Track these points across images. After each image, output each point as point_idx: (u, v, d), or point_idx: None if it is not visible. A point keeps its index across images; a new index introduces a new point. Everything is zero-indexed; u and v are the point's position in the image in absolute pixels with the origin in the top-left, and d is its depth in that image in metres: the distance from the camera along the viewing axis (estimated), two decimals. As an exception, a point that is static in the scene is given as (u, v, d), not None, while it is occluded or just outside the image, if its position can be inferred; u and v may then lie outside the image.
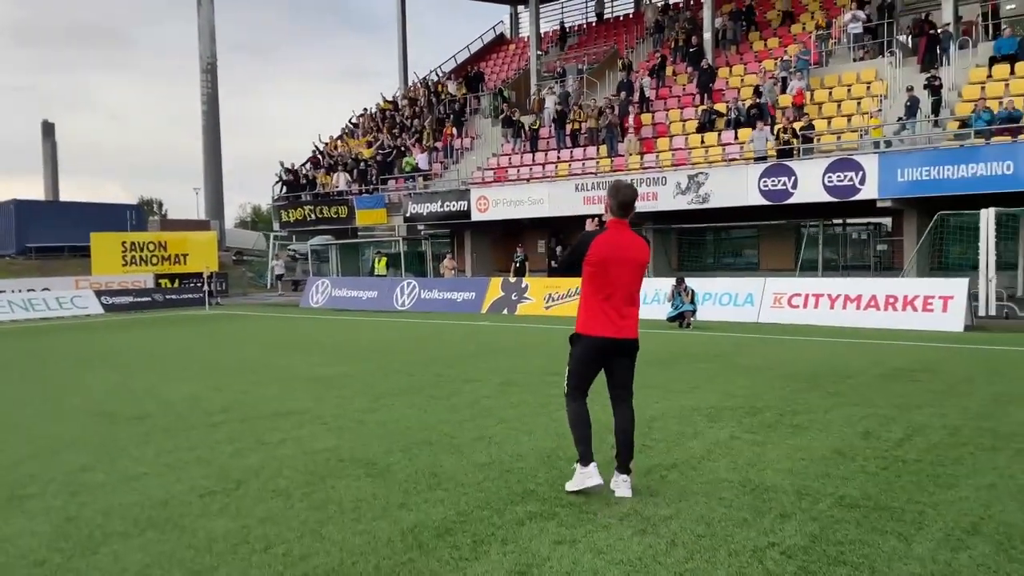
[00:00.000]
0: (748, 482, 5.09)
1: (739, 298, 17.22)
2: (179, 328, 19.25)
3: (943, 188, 17.76)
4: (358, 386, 9.32)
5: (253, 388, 9.35)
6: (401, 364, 11.23)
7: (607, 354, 4.86)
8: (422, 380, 9.66)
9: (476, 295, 21.76)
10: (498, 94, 32.36)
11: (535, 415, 7.38)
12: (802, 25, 27.96)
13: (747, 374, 9.61)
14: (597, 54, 33.67)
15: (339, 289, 25.31)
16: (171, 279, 31.62)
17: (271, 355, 12.75)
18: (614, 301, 4.81)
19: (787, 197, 19.94)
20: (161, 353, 13.50)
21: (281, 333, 17.10)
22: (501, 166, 28.07)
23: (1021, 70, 20.00)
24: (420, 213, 27.50)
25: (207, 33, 41.63)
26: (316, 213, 30.54)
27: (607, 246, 4.78)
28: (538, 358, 11.59)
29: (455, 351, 12.70)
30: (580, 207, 23.65)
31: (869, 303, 15.51)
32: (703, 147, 23.44)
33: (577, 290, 20.20)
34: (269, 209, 70.72)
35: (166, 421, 7.52)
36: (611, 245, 4.79)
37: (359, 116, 35.95)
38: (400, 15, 37.79)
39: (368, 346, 13.87)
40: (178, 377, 10.46)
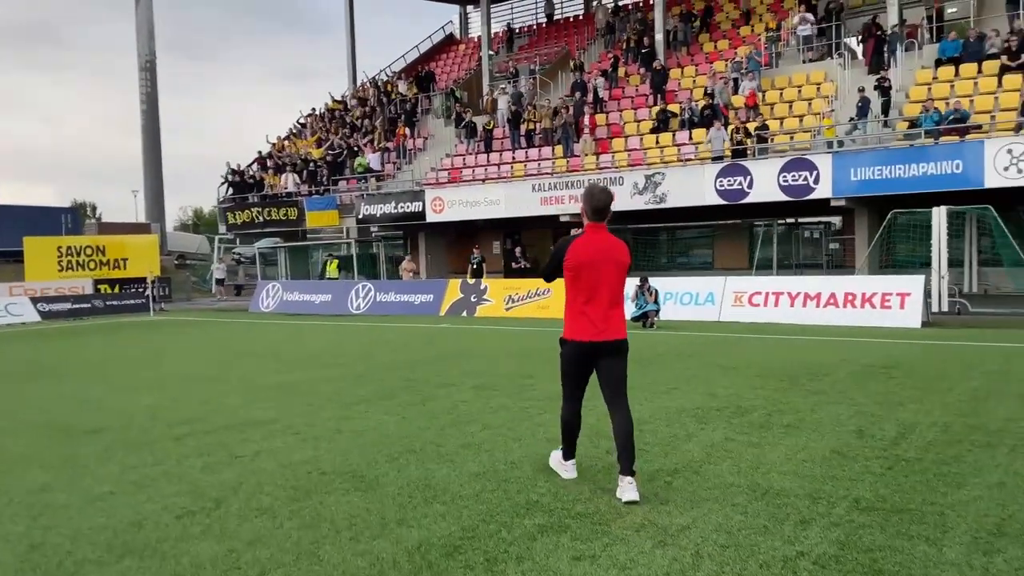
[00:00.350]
0: (757, 486, 4.92)
1: (700, 297, 17.25)
2: (125, 335, 18.46)
3: (895, 187, 18.09)
4: (326, 393, 8.94)
5: (214, 398, 8.89)
6: (366, 369, 10.86)
7: (592, 357, 4.87)
8: (392, 385, 9.32)
9: (434, 297, 21.41)
10: (450, 94, 32.04)
11: (519, 420, 7.13)
12: (751, 27, 28.32)
13: (724, 374, 9.52)
14: (548, 55, 33.60)
15: (290, 293, 24.67)
16: (111, 284, 30.47)
17: (227, 362, 12.23)
18: (595, 304, 4.82)
19: (743, 197, 20.09)
20: (110, 362, 12.85)
21: (234, 339, 16.51)
22: (455, 167, 27.75)
23: (965, 71, 20.52)
24: (373, 214, 27.01)
25: (145, 30, 40.33)
26: (264, 215, 29.76)
27: (583, 250, 4.80)
28: (508, 360, 11.34)
29: (421, 355, 12.37)
30: (537, 208, 23.52)
31: (828, 301, 15.67)
32: (658, 147, 23.51)
33: (538, 291, 20.12)
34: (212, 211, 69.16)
35: (126, 434, 7.05)
36: (587, 248, 4.80)
37: (307, 116, 35.21)
38: (348, 14, 37.16)
39: (328, 351, 13.44)
40: (132, 387, 9.91)
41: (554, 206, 23.23)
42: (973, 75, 20.37)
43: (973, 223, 19.11)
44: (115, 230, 37.48)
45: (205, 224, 62.36)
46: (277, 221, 29.52)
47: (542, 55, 33.70)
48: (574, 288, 4.87)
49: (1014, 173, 16.68)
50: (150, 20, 40.41)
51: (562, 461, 5.29)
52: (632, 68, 28.72)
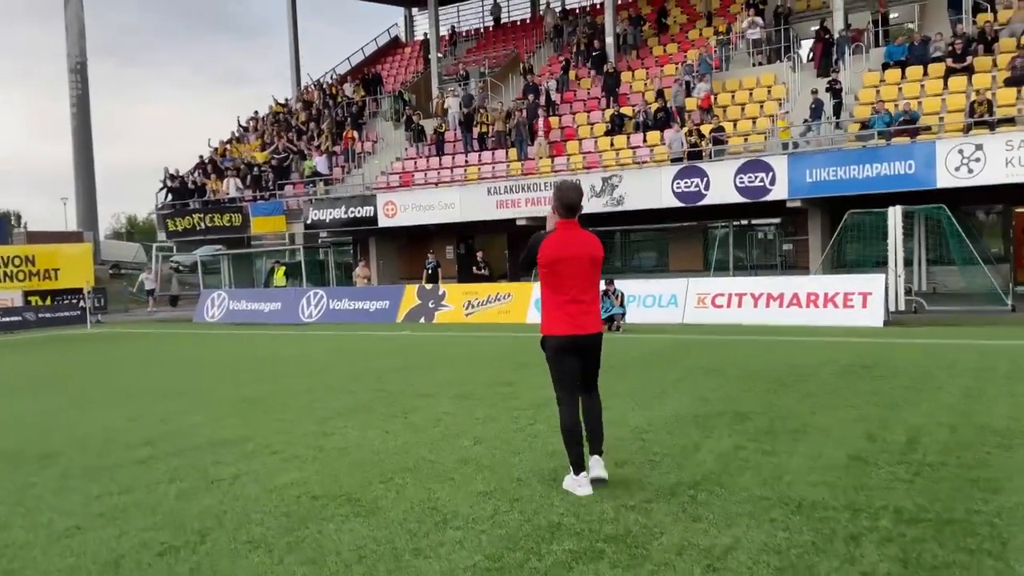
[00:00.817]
0: (788, 498, 4.64)
1: (663, 299, 17.11)
2: (64, 350, 17.44)
3: (849, 188, 18.28)
4: (297, 407, 8.41)
5: (174, 415, 8.27)
6: (334, 380, 10.33)
7: (575, 350, 4.90)
8: (366, 397, 8.83)
9: (390, 304, 20.84)
10: (398, 97, 31.48)
11: (511, 432, 6.75)
12: (699, 31, 28.51)
13: (708, 377, 9.30)
14: (497, 58, 33.31)
15: (237, 302, 23.77)
16: (42, 296, 28.99)
17: (181, 376, 11.53)
18: (571, 299, 4.85)
19: (700, 199, 20.08)
20: (51, 378, 12.01)
21: (183, 351, 15.71)
22: (407, 170, 27.21)
23: (912, 74, 20.93)
24: (322, 219, 26.27)
25: (75, 30, 38.67)
26: (207, 221, 28.69)
27: (556, 246, 4.81)
28: (481, 368, 10.94)
29: (388, 364, 11.87)
30: (493, 211, 23.16)
31: (791, 301, 15.69)
32: (613, 150, 23.41)
33: (498, 296, 19.74)
34: (147, 219, 66.87)
35: (83, 459, 6.43)
36: (560, 245, 4.81)
37: (249, 119, 34.18)
38: (291, 15, 36.26)
39: (288, 362, 12.82)
40: (81, 406, 9.19)
41: (510, 209, 22.90)
42: (919, 77, 20.79)
43: (922, 223, 19.45)
44: (45, 239, 35.76)
45: (140, 232, 60.20)
46: (220, 228, 28.49)
47: (491, 58, 33.39)
48: (549, 285, 4.89)
49: (965, 173, 16.99)
50: (80, 19, 38.78)
51: (574, 477, 4.94)
52: (583, 71, 28.64)
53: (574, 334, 4.83)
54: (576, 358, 4.91)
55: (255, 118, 34.16)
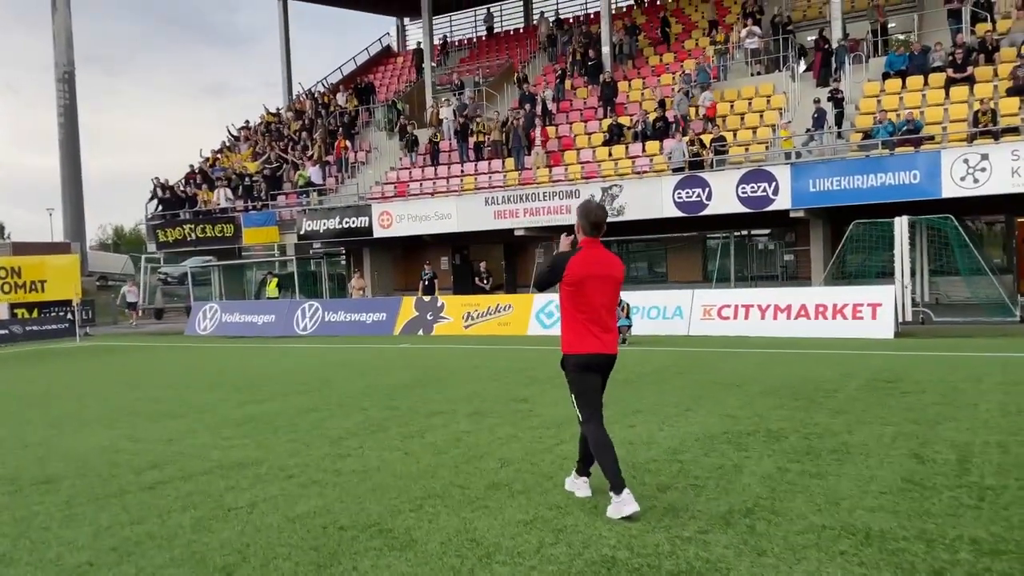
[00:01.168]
0: (853, 528, 4.35)
1: (668, 311, 16.86)
2: (53, 364, 16.98)
3: (853, 198, 18.11)
4: (306, 426, 8.06)
5: (178, 435, 7.91)
6: (341, 397, 9.98)
7: (596, 369, 4.91)
8: (378, 416, 8.50)
9: (387, 316, 20.49)
10: (392, 106, 31.19)
11: (538, 453, 6.44)
12: (695, 41, 28.43)
13: (729, 392, 9.02)
14: (491, 67, 33.13)
15: (230, 314, 23.34)
16: (29, 309, 28.45)
17: (180, 393, 11.14)
18: (596, 318, 4.86)
19: (702, 209, 19.87)
20: (43, 395, 11.58)
21: (177, 365, 15.30)
22: (401, 180, 26.90)
23: (912, 84, 20.85)
24: (316, 230, 25.89)
25: (63, 39, 38.13)
26: (197, 232, 28.25)
27: (584, 265, 4.82)
28: (492, 383, 10.61)
29: (394, 379, 11.53)
30: (490, 222, 22.87)
31: (799, 313, 15.48)
32: (611, 160, 23.20)
33: (498, 308, 19.44)
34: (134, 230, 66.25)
35: (86, 484, 6.06)
36: (588, 263, 4.83)
37: (240, 129, 33.79)
38: (282, 24, 35.94)
39: (288, 377, 12.45)
40: (77, 425, 8.80)
41: (508, 220, 22.62)
42: (920, 87, 20.71)
43: (923, 233, 19.32)
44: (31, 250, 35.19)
45: (126, 243, 59.48)
46: (212, 238, 28.06)
47: (484, 67, 33.20)
48: (573, 303, 4.88)
49: (971, 183, 16.86)
50: (68, 28, 38.25)
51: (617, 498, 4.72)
52: (578, 81, 28.48)
53: (599, 352, 4.85)
54: (598, 376, 4.93)
55: (246, 127, 33.78)
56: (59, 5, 37.81)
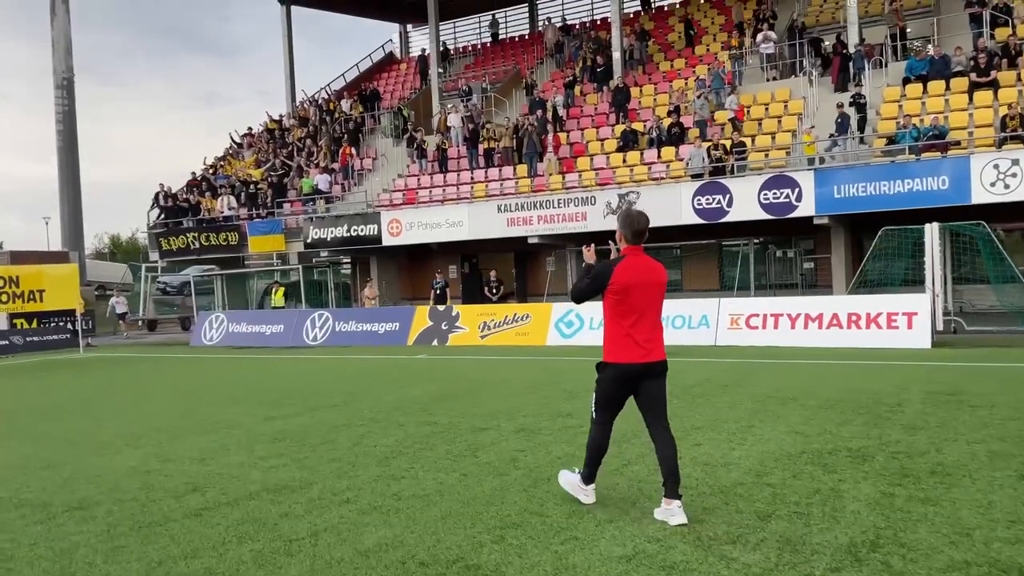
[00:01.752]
0: (1002, 564, 3.91)
1: (693, 320, 16.42)
2: (60, 376, 16.43)
3: (880, 204, 17.74)
4: (345, 443, 7.58)
5: (211, 454, 7.42)
6: (372, 411, 9.49)
7: (636, 379, 4.87)
8: (419, 432, 8.02)
9: (400, 326, 19.99)
10: (397, 113, 30.78)
11: (608, 475, 5.95)
12: (706, 47, 28.13)
13: (787, 407, 8.57)
14: (497, 74, 32.78)
15: (237, 324, 22.81)
16: (28, 319, 27.86)
17: (201, 407, 10.63)
18: (640, 325, 4.83)
19: (722, 215, 19.48)
20: (55, 409, 11.06)
21: (190, 377, 14.78)
22: (410, 187, 26.46)
23: (933, 89, 20.53)
24: (323, 238, 25.42)
25: (63, 46, 37.69)
26: (201, 240, 27.74)
27: (629, 272, 4.81)
28: (527, 396, 10.13)
29: (422, 391, 11.05)
30: (503, 229, 22.44)
31: (831, 322, 15.05)
32: (626, 166, 22.82)
33: (515, 317, 18.98)
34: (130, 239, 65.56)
35: (126, 511, 5.57)
36: (633, 271, 4.82)
37: (243, 136, 33.33)
38: (286, 31, 35.53)
39: (309, 389, 11.95)
40: (98, 443, 8.30)
41: (522, 227, 22.19)
42: (941, 92, 20.39)
43: (948, 240, 18.95)
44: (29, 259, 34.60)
45: (122, 252, 58.84)
46: (216, 247, 27.56)
47: (491, 74, 32.85)
48: (617, 311, 4.85)
49: (1001, 188, 16.51)
50: (67, 35, 37.83)
51: (582, 485, 5.21)
52: (587, 87, 28.13)
53: (639, 361, 4.83)
54: (635, 390, 4.92)
55: (249, 134, 33.32)
56: (58, 11, 37.40)
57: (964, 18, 22.75)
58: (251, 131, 33.56)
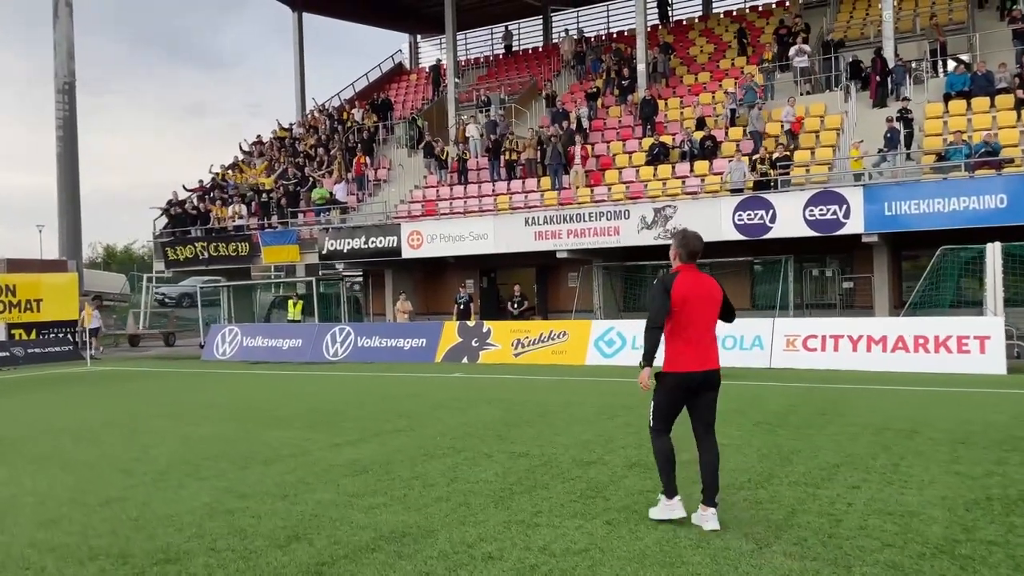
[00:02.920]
0: None
1: (745, 340, 15.65)
2: (75, 393, 15.39)
3: (934, 222, 17.04)
4: (439, 477, 6.70)
5: (293, 489, 6.51)
6: (445, 438, 8.60)
7: (695, 388, 5.17)
8: (515, 465, 7.15)
9: (427, 342, 19.12)
10: (412, 122, 30.01)
11: (800, 515, 5.13)
12: (731, 60, 27.60)
13: (913, 440, 7.78)
14: (512, 85, 32.12)
15: (251, 338, 21.85)
16: (26, 329, 26.76)
17: (249, 429, 9.69)
18: (697, 336, 5.14)
19: (765, 232, 18.76)
20: (88, 431, 10.08)
21: (220, 395, 13.82)
22: (429, 199, 25.65)
23: (978, 105, 19.99)
24: (339, 250, 24.50)
25: (64, 49, 36.66)
26: (211, 250, 26.75)
27: (686, 285, 5.14)
28: (609, 422, 9.28)
29: (483, 416, 10.16)
30: (531, 243, 21.62)
31: (896, 345, 14.32)
32: (657, 180, 22.12)
33: (551, 334, 18.16)
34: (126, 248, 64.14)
35: (226, 566, 4.67)
36: (690, 285, 5.15)
37: (253, 144, 32.43)
38: (296, 39, 34.77)
39: (360, 411, 11.05)
40: (156, 471, 7.37)
41: (550, 241, 21.37)
42: (986, 109, 19.86)
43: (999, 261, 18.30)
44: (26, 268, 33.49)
45: (117, 262, 57.52)
46: (226, 257, 26.58)
47: (506, 85, 32.18)
48: (677, 322, 5.14)
49: (1064, 208, 15.88)
50: (70, 39, 36.81)
51: (667, 501, 5.28)
52: (609, 99, 27.50)
53: (699, 370, 5.12)
54: (691, 399, 5.22)
55: (259, 143, 32.45)
56: (61, 14, 36.44)
57: (1002, 35, 22.30)
58: (260, 139, 32.67)
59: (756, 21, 30.06)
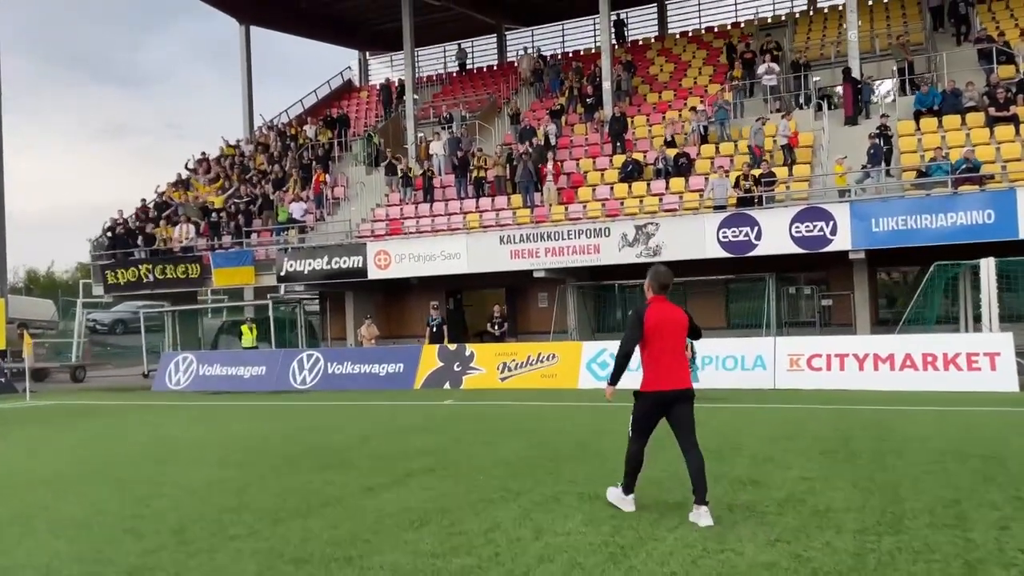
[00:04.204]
0: None
1: (747, 360, 15.18)
2: (31, 432, 13.81)
3: (923, 238, 16.99)
4: (520, 530, 5.79)
5: (353, 546, 5.53)
6: (489, 477, 7.69)
7: (670, 404, 5.91)
8: (601, 512, 6.30)
9: (405, 367, 18.09)
10: (368, 139, 28.97)
11: None
12: (693, 80, 27.52)
13: (962, 464, 7.25)
14: (469, 103, 31.44)
15: (209, 366, 20.39)
16: (-54, 361, 24.56)
17: (252, 473, 8.55)
18: (668, 359, 5.91)
19: (750, 249, 18.44)
20: (58, 480, 8.74)
21: (195, 432, 12.51)
22: (393, 217, 24.64)
23: (948, 123, 20.21)
24: (300, 271, 23.23)
25: (-11, 62, 34.40)
26: (156, 273, 25.09)
27: (657, 314, 5.92)
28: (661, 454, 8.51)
29: (521, 450, 9.26)
30: (506, 262, 20.87)
31: (904, 363, 14.03)
32: (632, 197, 21.70)
33: (540, 357, 17.34)
34: (48, 273, 60.62)
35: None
36: (659, 314, 5.92)
37: (199, 162, 30.83)
38: (244, 51, 33.39)
39: (365, 446, 10.01)
40: (163, 532, 6.23)
41: (527, 260, 20.65)
42: (957, 126, 20.09)
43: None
44: (-56, 294, 30.90)
45: (41, 287, 54.25)
46: (173, 280, 24.96)
47: (463, 102, 31.48)
48: (652, 347, 5.92)
49: (1052, 222, 15.97)
50: (-6, 49, 34.59)
51: (623, 496, 6.20)
52: (573, 117, 27.09)
53: (674, 388, 5.89)
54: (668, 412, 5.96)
55: (204, 159, 30.86)
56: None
57: (960, 55, 22.75)
58: (206, 156, 31.08)
59: (713, 41, 30.14)
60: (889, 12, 28.06)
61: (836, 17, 28.73)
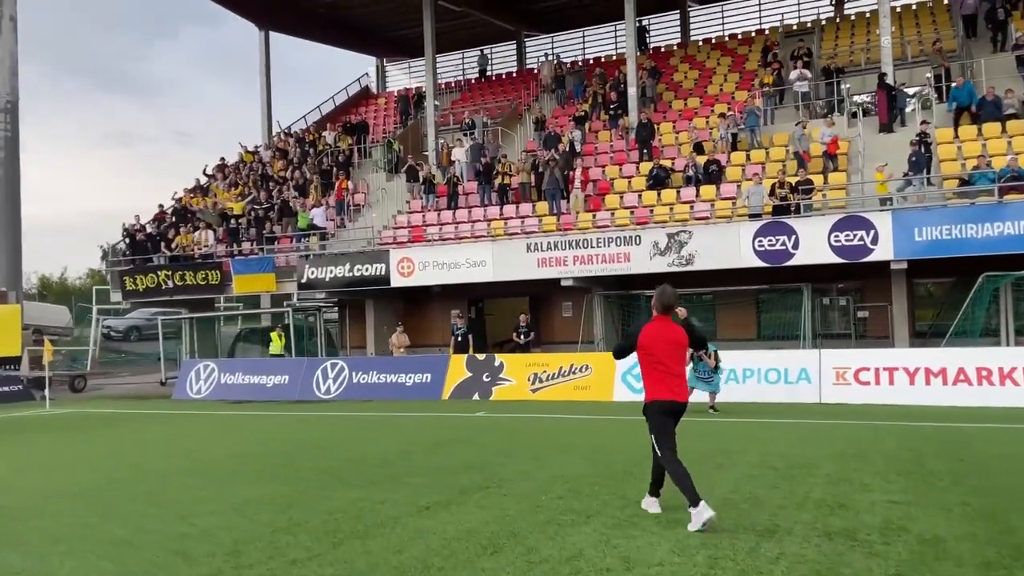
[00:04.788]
0: None
1: (790, 374, 14.67)
2: (51, 441, 13.40)
3: (969, 248, 16.42)
4: (607, 560, 5.34)
5: (408, 573, 5.08)
6: (552, 498, 7.23)
7: (679, 412, 6.34)
8: (690, 540, 5.83)
9: (432, 377, 17.63)
10: (388, 146, 28.64)
11: None
12: (719, 86, 27.11)
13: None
14: (490, 109, 31.08)
15: (230, 374, 19.97)
16: (-38, 367, 24.26)
17: (298, 488, 8.11)
18: (666, 373, 6.30)
19: (787, 258, 17.93)
20: (92, 494, 8.33)
21: (228, 443, 12.08)
22: (415, 224, 24.24)
23: (988, 131, 19.71)
24: (321, 278, 22.83)
25: (7, 66, 34.19)
26: (175, 279, 24.74)
27: (651, 334, 6.34)
28: (727, 472, 8.03)
29: (576, 467, 8.80)
30: (533, 270, 20.40)
31: (958, 377, 13.50)
32: (663, 205, 21.23)
33: (572, 368, 16.86)
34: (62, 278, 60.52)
35: None
36: (654, 332, 6.34)
37: (215, 168, 30.54)
38: (263, 57, 33.14)
39: (405, 460, 9.56)
40: (218, 554, 5.79)
41: (555, 268, 20.18)
42: (998, 134, 19.58)
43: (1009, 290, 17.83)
44: (-41, 299, 30.65)
45: (54, 293, 54.08)
46: (193, 286, 24.63)
47: (483, 109, 31.12)
48: (648, 362, 6.38)
49: (1105, 233, 15.44)
50: (14, 55, 34.34)
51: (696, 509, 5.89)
52: (596, 124, 26.69)
53: (674, 399, 6.27)
54: (676, 418, 6.34)
55: (222, 165, 30.57)
56: (4, 29, 34.01)
57: (998, 63, 22.25)
58: (224, 161, 30.79)
59: (738, 48, 29.75)
60: (919, 20, 27.62)
61: (864, 24, 28.38)
